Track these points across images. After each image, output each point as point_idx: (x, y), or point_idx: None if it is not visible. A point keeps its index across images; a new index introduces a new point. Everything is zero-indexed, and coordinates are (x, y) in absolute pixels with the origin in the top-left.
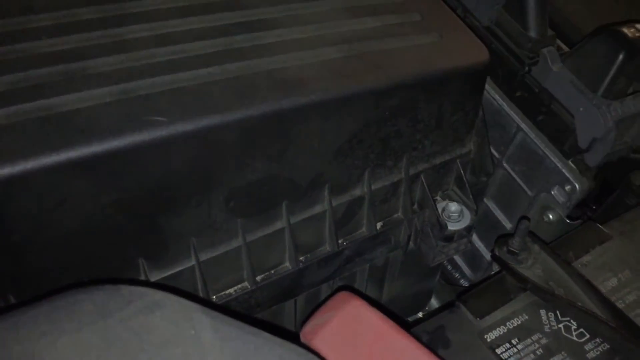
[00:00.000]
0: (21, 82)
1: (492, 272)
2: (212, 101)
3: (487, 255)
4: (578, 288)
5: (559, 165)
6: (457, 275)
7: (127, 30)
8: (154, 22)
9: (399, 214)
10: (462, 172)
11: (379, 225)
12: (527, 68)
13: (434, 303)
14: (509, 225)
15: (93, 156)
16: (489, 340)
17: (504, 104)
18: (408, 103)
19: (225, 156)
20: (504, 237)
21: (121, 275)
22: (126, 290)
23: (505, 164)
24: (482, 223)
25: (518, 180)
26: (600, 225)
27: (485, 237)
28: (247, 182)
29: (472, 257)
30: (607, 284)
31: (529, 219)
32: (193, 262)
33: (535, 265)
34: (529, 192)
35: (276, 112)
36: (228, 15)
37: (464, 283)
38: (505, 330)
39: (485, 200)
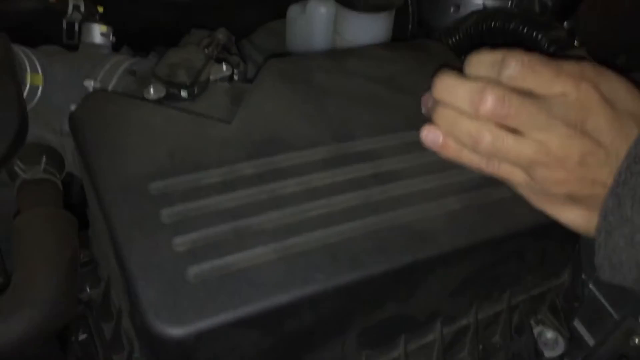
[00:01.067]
0: (200, 241)
1: None
2: (358, 256)
3: None
4: None
5: None
6: None
7: (280, 185)
8: (303, 176)
9: (498, 338)
10: (556, 300)
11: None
12: None
13: None
14: (592, 342)
15: (265, 311)
16: None
17: None
18: (519, 248)
19: (364, 303)
20: None
21: None
22: None
23: (592, 286)
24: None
25: (604, 302)
26: None
27: (570, 354)
28: (377, 320)
29: None
30: None
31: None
32: None
33: None
34: (615, 315)
35: (409, 265)
36: (361, 166)
37: None
38: None
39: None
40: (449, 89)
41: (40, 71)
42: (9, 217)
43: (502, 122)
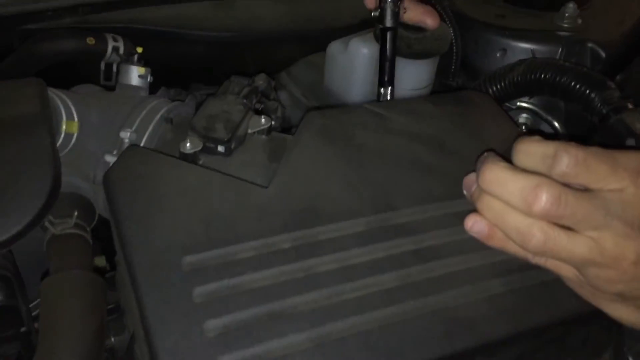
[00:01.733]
0: (233, 325)
1: None
2: (395, 347)
3: None
4: None
5: None
6: None
7: (317, 263)
8: (340, 252)
9: None
10: None
11: None
12: None
13: None
14: None
15: None
16: None
17: None
18: (562, 334)
19: None
20: None
21: None
22: None
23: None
24: None
25: None
26: None
27: None
28: None
29: None
30: None
31: None
32: None
33: None
34: None
35: (448, 356)
36: (401, 242)
37: None
38: None
39: None
40: (499, 182)
41: (76, 118)
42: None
43: (557, 222)
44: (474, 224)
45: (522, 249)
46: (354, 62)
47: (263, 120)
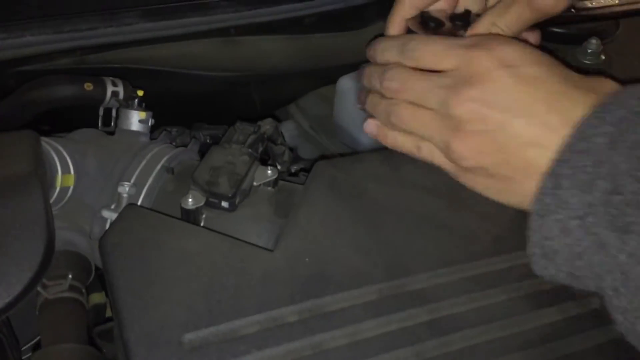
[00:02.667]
0: None
1: None
2: None
3: None
4: None
5: None
6: None
7: (326, 338)
8: (350, 325)
9: None
10: None
11: None
12: None
13: None
14: None
15: None
16: None
17: None
18: None
19: None
20: None
21: None
22: None
23: None
24: None
25: None
26: None
27: None
28: None
29: None
30: None
31: None
32: None
33: None
34: None
35: None
36: (416, 312)
37: None
38: None
39: None
40: (368, 76)
41: (72, 170)
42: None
43: (400, 97)
44: (366, 126)
45: (402, 135)
46: None
47: (269, 171)
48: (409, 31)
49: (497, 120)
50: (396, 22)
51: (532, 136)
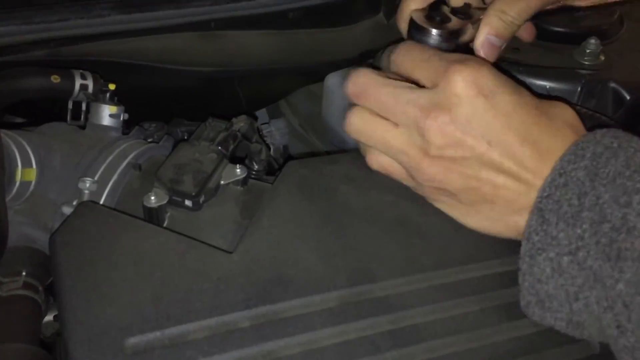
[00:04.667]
0: None
1: None
2: None
3: None
4: None
5: None
6: None
7: (279, 346)
8: (307, 332)
9: None
10: None
11: None
12: None
13: None
14: None
15: None
16: None
17: None
18: None
19: None
20: None
21: None
22: None
23: None
24: None
25: None
26: None
27: None
28: None
29: None
30: None
31: None
32: None
33: None
34: None
35: None
36: (378, 320)
37: None
38: None
39: None
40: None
41: (34, 164)
42: None
43: (360, 103)
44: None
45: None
46: None
47: (238, 170)
48: (413, 25)
49: (471, 147)
50: (405, 15)
51: (506, 167)
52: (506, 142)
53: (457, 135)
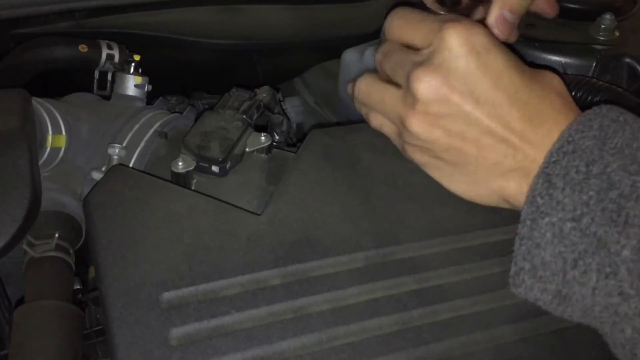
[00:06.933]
0: None
1: None
2: None
3: None
4: None
5: None
6: None
7: (308, 302)
8: (335, 291)
9: None
10: None
11: None
12: None
13: None
14: None
15: None
16: None
17: None
18: None
19: None
20: None
21: None
22: None
23: None
24: None
25: None
26: None
27: None
28: None
29: None
30: None
31: None
32: None
33: None
34: None
35: None
36: (403, 280)
37: None
38: None
39: None
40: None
41: (64, 131)
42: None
43: (382, 68)
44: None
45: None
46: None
47: (263, 138)
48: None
49: (457, 104)
50: None
51: (492, 127)
52: (495, 101)
53: (443, 91)
